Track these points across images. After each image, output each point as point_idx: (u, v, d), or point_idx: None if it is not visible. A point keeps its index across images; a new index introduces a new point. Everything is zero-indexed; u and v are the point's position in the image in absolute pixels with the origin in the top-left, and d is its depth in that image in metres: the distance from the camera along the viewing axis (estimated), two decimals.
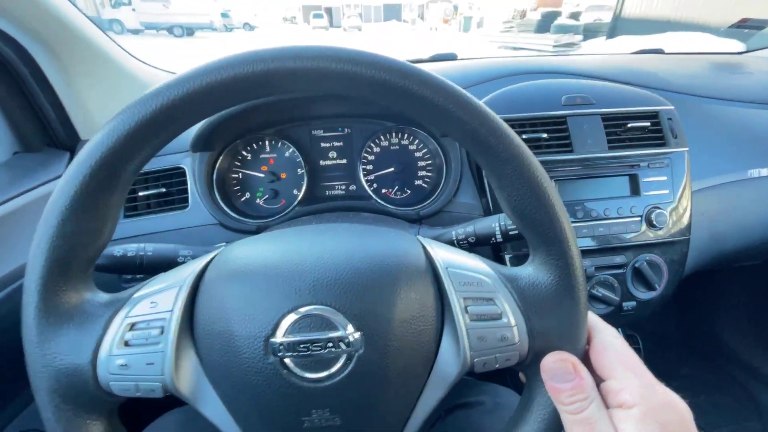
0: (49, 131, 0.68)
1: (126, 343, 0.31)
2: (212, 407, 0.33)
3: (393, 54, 0.31)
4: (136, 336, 0.31)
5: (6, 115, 0.63)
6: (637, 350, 0.98)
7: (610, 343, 0.33)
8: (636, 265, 0.71)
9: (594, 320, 0.35)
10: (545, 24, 11.87)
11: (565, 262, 0.32)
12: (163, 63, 0.87)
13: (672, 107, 0.75)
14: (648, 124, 0.72)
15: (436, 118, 0.31)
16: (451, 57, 1.05)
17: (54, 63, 0.63)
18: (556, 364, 0.32)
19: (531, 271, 0.35)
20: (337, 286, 0.32)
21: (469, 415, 0.56)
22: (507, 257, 0.70)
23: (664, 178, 0.72)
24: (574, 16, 12.56)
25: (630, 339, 0.95)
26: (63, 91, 0.65)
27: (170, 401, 0.33)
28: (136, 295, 0.33)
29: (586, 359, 0.33)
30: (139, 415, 0.51)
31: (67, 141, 0.69)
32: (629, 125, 0.71)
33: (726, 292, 1.23)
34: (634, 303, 0.72)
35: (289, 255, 0.34)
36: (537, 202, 0.31)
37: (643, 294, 0.72)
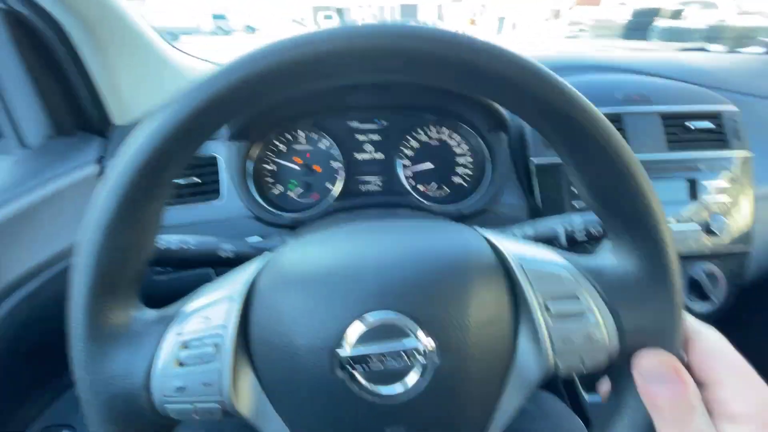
0: (82, 115, 0.66)
1: (180, 363, 0.28)
2: (274, 427, 0.30)
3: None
4: (190, 355, 0.28)
5: (42, 97, 0.61)
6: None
7: (716, 346, 0.29)
8: (692, 274, 0.67)
9: (691, 320, 0.32)
10: (640, 26, 8.37)
11: (657, 248, 0.29)
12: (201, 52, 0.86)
13: (735, 108, 0.70)
14: (710, 124, 0.67)
15: (508, 94, 0.27)
16: None
17: (92, 43, 0.60)
18: (652, 364, 0.28)
19: (615, 261, 0.31)
20: (405, 289, 0.29)
21: (514, 422, 0.53)
22: None
23: (726, 183, 0.67)
24: (676, 15, 8.86)
25: None
26: (98, 74, 0.63)
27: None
28: (185, 309, 0.30)
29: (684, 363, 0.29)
30: None
31: (100, 125, 0.67)
32: (690, 126, 0.67)
33: None
34: None
35: (348, 257, 0.31)
36: (624, 183, 0.28)
37: (699, 306, 0.68)
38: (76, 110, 0.65)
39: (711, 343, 0.29)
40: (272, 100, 0.28)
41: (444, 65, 0.26)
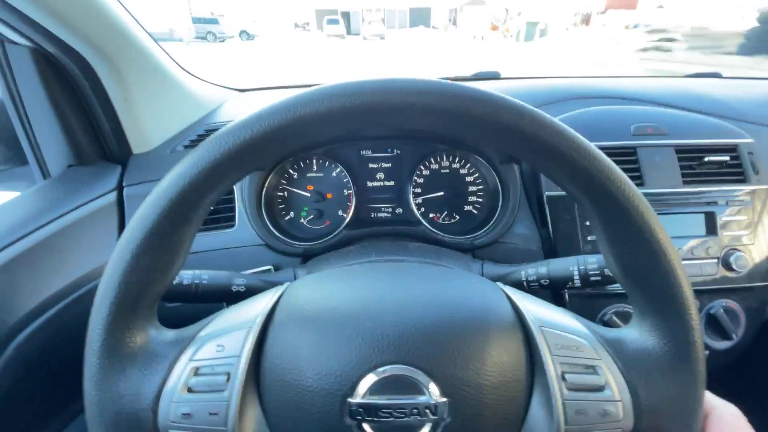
0: (102, 144, 0.68)
1: (189, 390, 0.28)
2: None
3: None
4: (200, 382, 0.28)
5: (64, 127, 0.63)
6: None
7: (733, 423, 0.29)
8: (711, 311, 0.65)
9: (709, 395, 0.31)
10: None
11: (684, 329, 0.29)
12: (220, 78, 0.88)
13: (752, 140, 0.69)
14: (727, 158, 0.66)
15: (546, 160, 0.28)
16: (495, 75, 1.02)
17: (114, 76, 0.62)
18: None
19: (637, 335, 0.31)
20: (424, 343, 0.29)
21: None
22: (566, 294, 0.65)
23: (745, 217, 0.66)
24: None
25: None
26: (120, 105, 0.65)
27: None
28: (201, 334, 0.31)
29: None
30: None
31: (120, 154, 0.69)
32: (706, 159, 0.66)
33: None
34: (707, 353, 0.66)
35: (369, 302, 0.31)
36: (655, 262, 0.28)
37: (718, 343, 0.66)
38: (97, 141, 0.67)
39: (728, 419, 0.29)
40: (303, 144, 0.29)
41: (487, 130, 0.27)
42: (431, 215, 0.74)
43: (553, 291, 0.64)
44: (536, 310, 0.32)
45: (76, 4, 0.53)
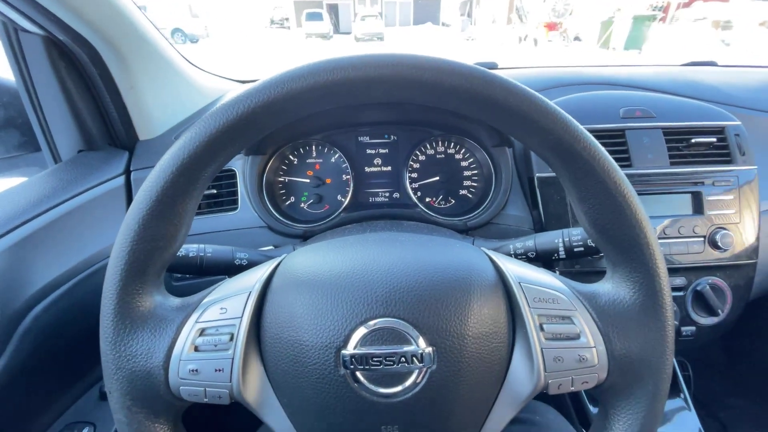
0: (111, 131, 0.71)
1: (196, 348, 0.31)
2: (275, 416, 0.33)
3: None
4: (206, 341, 0.31)
5: (75, 114, 0.66)
6: (687, 377, 0.92)
7: None
8: (697, 288, 0.67)
9: None
10: None
11: (650, 280, 0.31)
12: (220, 69, 0.88)
13: (739, 122, 0.71)
14: (714, 139, 0.68)
15: (517, 126, 0.30)
16: (493, 66, 1.03)
17: (121, 65, 0.65)
18: None
19: (610, 288, 0.33)
20: (410, 298, 0.31)
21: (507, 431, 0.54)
22: (556, 272, 0.67)
23: (731, 196, 0.68)
24: None
25: (680, 366, 0.89)
26: (127, 93, 0.68)
27: (228, 407, 0.33)
28: (205, 300, 0.33)
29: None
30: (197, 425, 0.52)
31: (127, 141, 0.72)
32: (693, 140, 0.68)
33: None
34: (693, 328, 0.68)
35: (359, 265, 0.34)
36: (622, 215, 0.30)
37: (704, 319, 0.68)
38: (106, 127, 0.70)
39: None
40: (298, 117, 0.31)
41: (461, 99, 0.29)
42: (427, 199, 0.76)
43: (543, 264, 0.67)
44: (516, 269, 0.35)
45: None
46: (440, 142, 0.77)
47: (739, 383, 1.24)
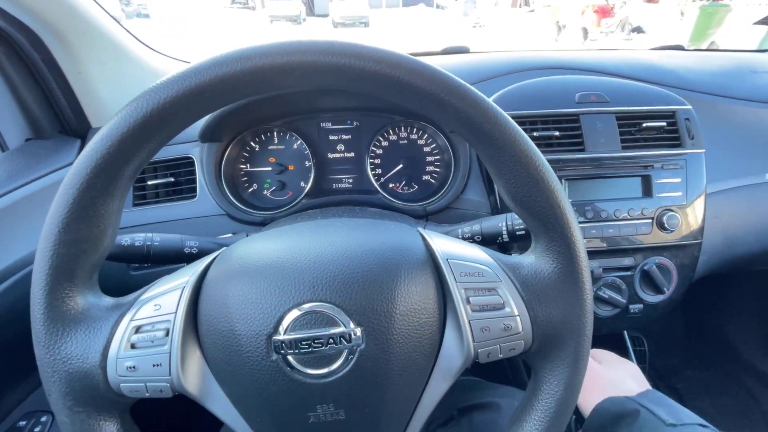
0: (60, 118, 0.69)
1: (132, 346, 0.31)
2: (220, 405, 0.34)
3: None
4: (141, 338, 0.31)
5: (19, 101, 0.64)
6: (642, 352, 0.97)
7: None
8: (645, 267, 0.70)
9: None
10: None
11: (567, 247, 0.32)
12: (175, 51, 0.85)
13: (689, 107, 0.72)
14: (664, 123, 0.70)
15: (431, 108, 0.30)
16: (464, 50, 1.03)
17: (65, 49, 0.63)
18: None
19: (533, 259, 0.35)
20: (337, 282, 0.32)
21: (485, 416, 0.56)
22: (512, 254, 0.69)
23: (678, 179, 0.70)
24: None
25: (635, 341, 0.94)
26: (74, 78, 0.66)
27: (181, 399, 0.34)
28: (140, 298, 0.33)
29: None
30: (151, 414, 0.52)
31: (79, 128, 0.70)
32: (644, 125, 0.69)
33: (734, 296, 1.21)
34: (641, 306, 0.71)
35: (290, 253, 0.34)
36: (536, 187, 0.31)
37: (651, 297, 0.71)
38: (54, 115, 0.68)
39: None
40: (216, 109, 0.31)
41: (368, 79, 0.29)
42: (390, 185, 0.77)
43: (499, 248, 0.68)
44: (445, 245, 0.36)
45: None
46: (403, 128, 0.77)
47: (694, 355, 1.31)
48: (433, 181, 0.78)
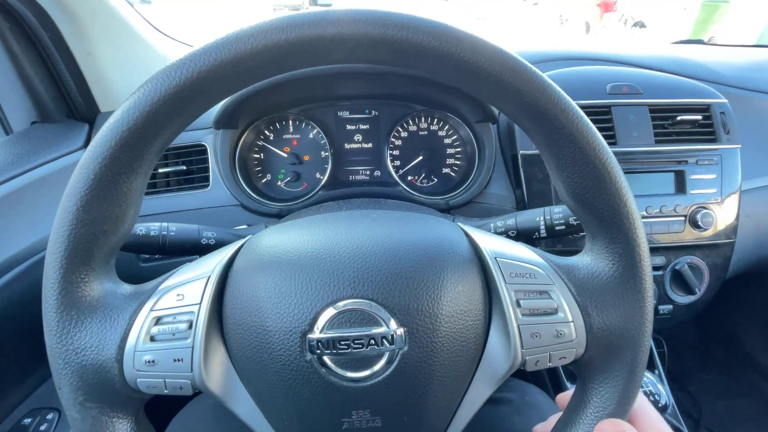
0: (68, 101, 0.66)
1: (152, 338, 0.29)
2: (243, 405, 0.31)
3: None
4: (162, 330, 0.29)
5: (24, 82, 0.61)
6: (662, 354, 0.95)
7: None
8: (676, 267, 0.67)
9: (643, 403, 0.33)
10: None
11: (631, 251, 0.30)
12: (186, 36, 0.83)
13: (725, 100, 0.70)
14: (699, 117, 0.67)
15: (492, 91, 0.28)
16: None
17: (75, 28, 0.60)
18: None
19: (589, 260, 0.32)
20: (379, 278, 0.30)
21: (497, 411, 0.54)
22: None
23: (713, 176, 0.67)
24: None
25: (655, 342, 0.91)
26: (83, 60, 0.63)
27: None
28: (161, 287, 0.31)
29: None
30: (165, 411, 0.50)
31: (87, 112, 0.67)
32: (679, 118, 0.66)
33: (750, 298, 1.19)
34: (670, 307, 0.69)
35: (326, 244, 0.32)
36: (601, 184, 0.29)
37: (682, 298, 0.69)
38: (62, 97, 0.65)
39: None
40: (253, 82, 0.28)
41: (424, 56, 0.26)
42: (409, 177, 0.74)
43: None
44: (493, 243, 0.33)
45: None
46: (423, 118, 0.74)
47: (709, 358, 1.29)
48: (453, 174, 0.75)
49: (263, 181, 0.72)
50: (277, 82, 0.62)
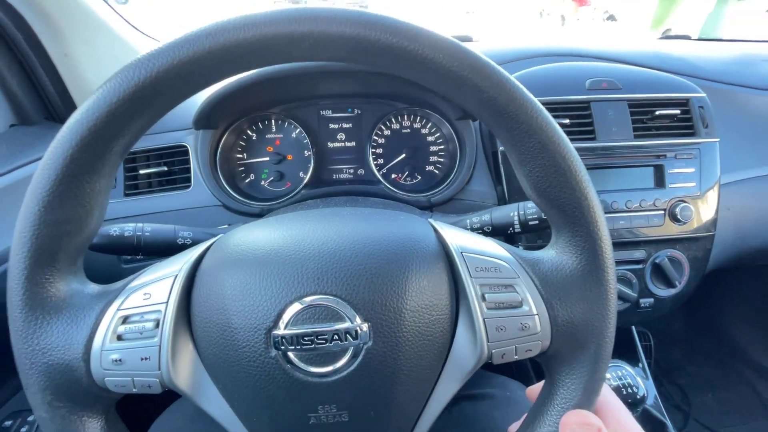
0: (46, 103, 0.65)
1: (119, 337, 0.29)
2: (213, 403, 0.31)
3: None
4: (129, 329, 0.29)
5: (1, 84, 0.60)
6: (648, 347, 0.96)
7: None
8: (656, 260, 0.68)
9: (608, 395, 0.34)
10: None
11: (592, 244, 0.30)
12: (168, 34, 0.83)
13: (704, 95, 0.70)
14: (677, 112, 0.67)
15: (451, 87, 0.28)
16: (467, 39, 1.00)
17: (50, 29, 0.59)
18: (580, 428, 0.30)
19: (554, 254, 0.32)
20: (343, 274, 0.30)
21: (478, 407, 0.55)
22: (519, 246, 0.67)
23: (692, 170, 0.68)
24: None
25: (642, 336, 0.92)
26: (60, 61, 0.62)
27: (170, 395, 0.31)
28: (129, 286, 0.31)
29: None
30: (139, 409, 0.50)
31: (65, 114, 0.66)
32: (657, 113, 0.67)
33: (737, 290, 1.20)
34: (651, 300, 0.69)
35: (291, 241, 0.32)
36: (563, 178, 0.29)
37: (662, 291, 0.69)
38: (40, 99, 0.65)
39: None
40: (216, 81, 0.28)
41: (383, 53, 0.27)
42: (393, 175, 0.74)
43: (506, 239, 0.66)
44: (459, 238, 0.33)
45: None
46: (405, 116, 0.74)
47: (698, 351, 1.30)
48: (436, 171, 0.75)
49: (247, 181, 0.72)
50: (258, 82, 0.62)
